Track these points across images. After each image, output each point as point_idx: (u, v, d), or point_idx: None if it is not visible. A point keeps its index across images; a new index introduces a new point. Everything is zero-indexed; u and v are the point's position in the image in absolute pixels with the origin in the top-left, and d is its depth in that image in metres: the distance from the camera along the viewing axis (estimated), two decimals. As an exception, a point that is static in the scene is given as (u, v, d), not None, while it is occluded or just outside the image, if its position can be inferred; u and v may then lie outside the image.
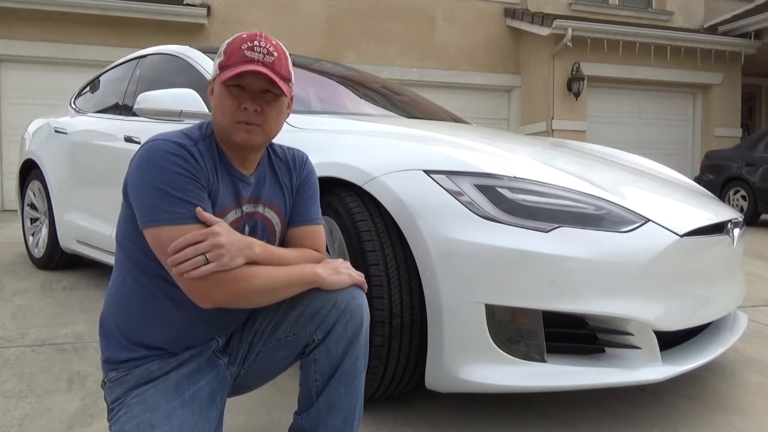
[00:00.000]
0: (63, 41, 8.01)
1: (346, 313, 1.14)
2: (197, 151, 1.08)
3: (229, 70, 1.08)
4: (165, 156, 1.03)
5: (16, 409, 1.65)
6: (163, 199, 1.00)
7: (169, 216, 1.00)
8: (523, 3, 9.63)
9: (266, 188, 1.21)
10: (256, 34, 1.11)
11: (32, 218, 3.96)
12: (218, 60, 1.12)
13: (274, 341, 1.20)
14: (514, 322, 1.47)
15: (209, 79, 1.18)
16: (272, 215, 1.21)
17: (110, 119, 3.18)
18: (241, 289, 1.04)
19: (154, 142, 1.05)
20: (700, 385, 1.90)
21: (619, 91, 9.64)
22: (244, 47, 1.09)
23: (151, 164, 1.03)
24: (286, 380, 1.80)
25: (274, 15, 8.80)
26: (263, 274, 1.06)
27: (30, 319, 2.60)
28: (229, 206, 1.13)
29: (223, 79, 1.09)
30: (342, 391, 1.16)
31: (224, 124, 1.12)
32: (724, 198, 7.38)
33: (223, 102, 1.11)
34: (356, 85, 3.02)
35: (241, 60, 1.08)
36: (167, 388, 1.08)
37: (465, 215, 1.47)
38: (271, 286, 1.08)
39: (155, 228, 1.01)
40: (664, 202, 1.78)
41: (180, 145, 1.06)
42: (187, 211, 1.01)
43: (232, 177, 1.15)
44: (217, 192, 1.10)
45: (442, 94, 8.84)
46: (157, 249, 1.02)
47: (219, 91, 1.11)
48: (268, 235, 1.21)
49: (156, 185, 1.01)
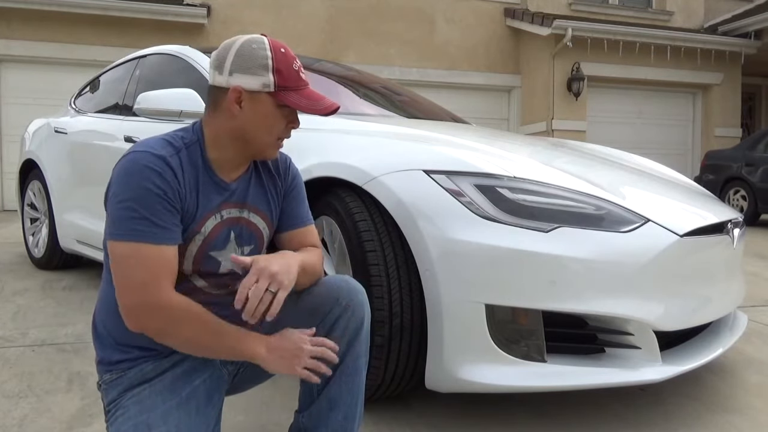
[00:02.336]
0: (63, 41, 8.01)
1: (348, 311, 1.15)
2: (178, 162, 1.06)
3: (300, 95, 1.10)
4: (142, 172, 1.01)
5: (16, 409, 1.65)
6: (130, 216, 0.99)
7: (132, 233, 0.99)
8: (523, 3, 9.63)
9: (251, 194, 1.20)
10: (288, 49, 1.12)
11: (32, 218, 3.96)
12: (266, 75, 1.08)
13: None
14: (514, 322, 1.47)
15: (244, 87, 1.08)
16: (258, 221, 1.21)
17: (110, 119, 3.18)
18: (167, 332, 1.02)
19: (135, 155, 1.03)
20: (700, 385, 1.90)
21: (619, 91, 9.64)
22: (295, 67, 1.10)
23: (128, 179, 1.01)
24: (286, 380, 1.80)
25: (274, 15, 8.80)
26: (197, 328, 1.03)
27: (30, 319, 2.60)
28: (211, 212, 1.12)
29: (299, 103, 1.09)
30: (343, 387, 1.16)
31: (266, 141, 1.12)
32: (724, 198, 7.38)
33: (273, 121, 1.11)
34: (356, 85, 3.02)
35: (302, 83, 1.11)
36: (163, 388, 1.08)
37: (465, 215, 1.47)
38: (196, 342, 1.04)
39: (115, 242, 1.00)
40: (664, 202, 1.78)
41: (160, 158, 1.03)
42: (149, 231, 1.00)
43: (215, 185, 1.13)
44: (196, 203, 1.09)
45: (442, 94, 8.85)
46: (112, 262, 1.01)
47: (268, 109, 1.10)
48: (256, 240, 1.21)
49: (127, 202, 1.00)
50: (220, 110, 1.11)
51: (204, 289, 1.16)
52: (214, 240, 1.12)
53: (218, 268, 1.16)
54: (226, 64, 1.09)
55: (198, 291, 1.15)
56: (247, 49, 1.08)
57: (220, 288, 1.18)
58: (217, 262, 1.15)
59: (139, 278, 0.99)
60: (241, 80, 1.08)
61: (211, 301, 1.16)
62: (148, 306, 1.00)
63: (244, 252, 1.19)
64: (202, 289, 1.16)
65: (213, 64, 1.12)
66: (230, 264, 1.16)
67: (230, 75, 1.09)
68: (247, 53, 1.08)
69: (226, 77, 1.09)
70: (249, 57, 1.08)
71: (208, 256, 1.13)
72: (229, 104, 1.10)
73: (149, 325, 1.01)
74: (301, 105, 1.09)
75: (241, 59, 1.08)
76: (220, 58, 1.11)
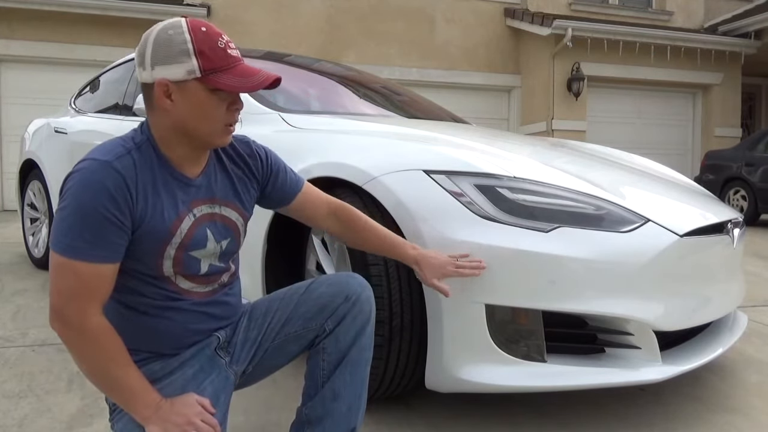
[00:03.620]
0: (63, 41, 8.01)
1: (356, 306, 1.18)
2: (131, 163, 1.01)
3: (231, 75, 1.02)
4: (94, 189, 0.96)
5: (16, 409, 1.65)
6: (71, 233, 0.96)
7: (70, 250, 0.97)
8: (523, 3, 9.63)
9: (218, 187, 1.16)
10: (211, 26, 1.05)
11: (32, 218, 3.96)
12: (189, 61, 1.01)
13: (284, 336, 1.22)
14: (514, 322, 1.47)
15: (169, 79, 1.02)
16: (230, 212, 1.18)
17: (110, 119, 3.18)
18: (71, 345, 1.00)
19: (89, 164, 0.99)
20: (700, 385, 1.90)
21: (619, 91, 9.64)
22: (221, 45, 1.03)
23: (78, 195, 0.97)
24: (287, 380, 1.80)
25: (274, 15, 8.81)
26: (99, 359, 1.00)
27: (30, 319, 2.60)
28: (182, 213, 1.08)
29: (231, 83, 1.02)
30: (347, 378, 1.18)
31: (210, 130, 1.06)
32: (724, 198, 7.38)
33: (210, 108, 1.04)
34: (356, 85, 3.02)
35: (232, 61, 1.03)
36: (171, 389, 1.09)
37: (465, 215, 1.47)
38: (90, 370, 1.02)
39: (54, 253, 0.98)
40: (664, 202, 1.78)
41: (114, 169, 0.98)
42: (88, 251, 0.97)
43: (178, 182, 1.09)
44: (157, 204, 1.04)
45: (442, 94, 8.84)
46: (50, 265, 0.99)
47: (201, 97, 1.03)
48: (232, 233, 1.18)
49: (72, 218, 0.97)
50: (154, 108, 1.06)
51: (192, 290, 1.14)
52: (191, 240, 1.09)
53: (199, 270, 1.13)
54: (146, 58, 1.03)
55: (188, 293, 1.13)
56: (164, 37, 1.02)
57: (207, 285, 1.16)
58: (198, 261, 1.12)
59: (69, 289, 0.97)
60: (164, 72, 1.01)
61: (205, 301, 1.16)
62: (66, 316, 0.98)
63: (223, 246, 1.16)
64: (190, 291, 1.13)
65: (136, 61, 1.06)
66: (208, 267, 1.14)
67: (152, 69, 1.02)
68: (164, 42, 1.01)
69: (149, 72, 1.03)
70: (167, 45, 1.01)
71: (189, 257, 1.10)
72: (159, 100, 1.03)
73: (61, 331, 0.99)
74: (233, 85, 1.02)
75: (159, 49, 1.01)
76: (140, 52, 1.04)
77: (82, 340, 0.99)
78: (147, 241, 1.04)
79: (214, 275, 1.17)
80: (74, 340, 0.99)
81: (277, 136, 2.00)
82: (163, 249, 1.06)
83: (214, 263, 1.16)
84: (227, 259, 1.19)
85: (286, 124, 2.10)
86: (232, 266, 1.22)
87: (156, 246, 1.06)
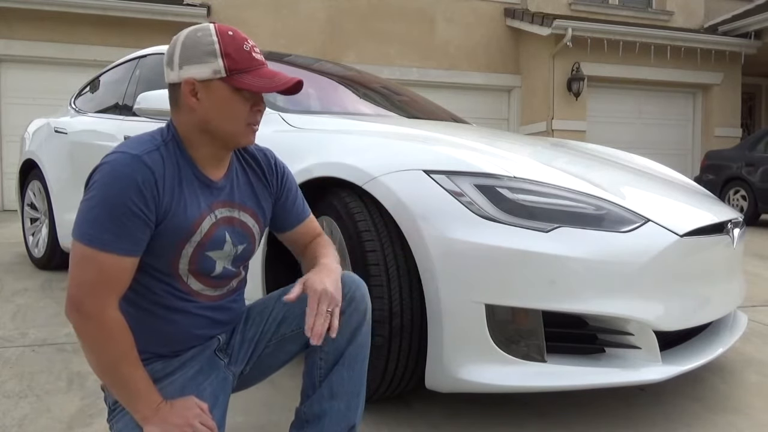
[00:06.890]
0: (63, 41, 8.01)
1: (352, 303, 1.17)
2: (159, 158, 1.04)
3: (254, 76, 1.06)
4: (123, 183, 0.98)
5: (16, 409, 1.65)
6: (98, 225, 0.98)
7: (96, 241, 0.97)
8: (523, 3, 9.63)
9: (239, 192, 1.19)
10: (237, 31, 1.09)
11: (32, 218, 3.96)
12: (215, 61, 1.05)
13: (280, 336, 1.22)
14: (514, 322, 1.47)
15: (195, 78, 1.06)
16: (248, 219, 1.20)
17: (110, 119, 3.18)
18: (84, 335, 1.00)
19: (119, 157, 1.01)
20: (700, 385, 1.90)
21: (619, 91, 9.65)
22: (246, 48, 1.07)
23: (108, 187, 0.98)
24: (286, 380, 1.80)
25: (274, 15, 8.81)
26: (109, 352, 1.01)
27: (30, 319, 2.60)
28: (204, 212, 1.10)
29: (255, 84, 1.05)
30: (345, 375, 1.17)
31: (234, 129, 1.09)
32: (724, 198, 7.38)
33: (234, 107, 1.07)
34: (356, 85, 3.02)
35: (255, 63, 1.07)
36: (170, 390, 1.09)
37: (465, 215, 1.47)
38: (96, 363, 1.02)
39: (78, 243, 0.99)
40: (664, 202, 1.78)
41: (144, 163, 1.01)
42: (114, 242, 0.98)
43: (200, 182, 1.11)
44: (180, 201, 1.06)
45: (442, 94, 8.84)
46: (72, 257, 1.00)
47: (226, 96, 1.06)
48: (248, 239, 1.20)
49: (100, 209, 0.98)
50: (180, 107, 1.09)
51: (202, 292, 1.15)
52: (210, 241, 1.11)
53: (213, 270, 1.14)
54: (175, 59, 1.07)
55: (197, 295, 1.14)
56: (192, 38, 1.06)
57: (217, 288, 1.18)
58: (213, 262, 1.14)
59: (91, 280, 0.98)
60: (192, 71, 1.06)
61: (212, 305, 1.17)
62: (85, 307, 0.98)
63: (238, 250, 1.18)
64: (199, 293, 1.15)
65: (165, 62, 1.10)
66: (222, 269, 1.15)
67: (180, 69, 1.07)
68: (192, 43, 1.06)
69: (177, 72, 1.07)
70: (195, 46, 1.06)
71: (205, 256, 1.12)
72: (185, 98, 1.07)
73: (77, 322, 1.00)
74: (256, 85, 1.06)
75: (187, 50, 1.06)
76: (169, 54, 1.09)
77: (98, 332, 0.99)
78: (168, 236, 1.05)
79: (225, 279, 1.18)
80: (90, 332, 1.00)
81: (278, 136, 2.00)
82: (182, 246, 1.08)
83: (228, 266, 1.17)
84: (240, 264, 1.21)
85: (287, 124, 2.10)
86: (242, 272, 1.24)
87: (176, 242, 1.07)
